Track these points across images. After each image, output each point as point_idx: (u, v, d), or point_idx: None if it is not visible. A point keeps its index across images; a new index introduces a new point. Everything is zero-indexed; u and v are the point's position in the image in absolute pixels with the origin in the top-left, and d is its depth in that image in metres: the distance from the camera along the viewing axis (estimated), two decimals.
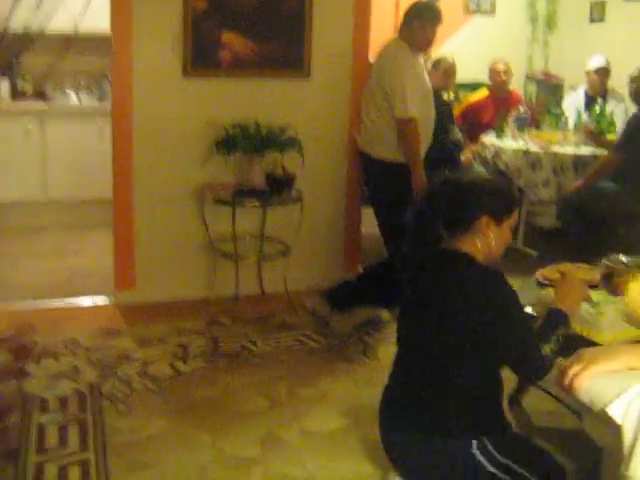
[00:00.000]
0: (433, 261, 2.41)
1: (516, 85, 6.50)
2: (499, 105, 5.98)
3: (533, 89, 7.01)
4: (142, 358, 3.69)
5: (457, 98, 6.29)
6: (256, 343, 3.92)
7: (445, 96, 5.73)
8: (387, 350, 3.85)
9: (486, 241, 2.36)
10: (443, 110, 4.90)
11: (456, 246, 2.37)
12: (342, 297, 4.20)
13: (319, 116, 4.53)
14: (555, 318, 2.35)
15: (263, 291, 4.43)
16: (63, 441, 2.97)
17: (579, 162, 5.32)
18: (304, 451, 2.94)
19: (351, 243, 4.84)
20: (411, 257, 2.54)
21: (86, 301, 4.45)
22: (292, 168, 4.27)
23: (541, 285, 3.08)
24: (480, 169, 5.62)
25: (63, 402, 3.26)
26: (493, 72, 6.03)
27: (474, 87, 6.30)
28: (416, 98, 4.03)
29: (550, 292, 2.75)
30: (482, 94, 6.11)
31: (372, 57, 4.45)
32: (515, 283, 2.33)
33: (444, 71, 5.47)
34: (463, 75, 6.06)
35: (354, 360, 3.79)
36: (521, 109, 5.69)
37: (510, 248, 2.66)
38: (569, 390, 1.64)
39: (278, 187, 4.21)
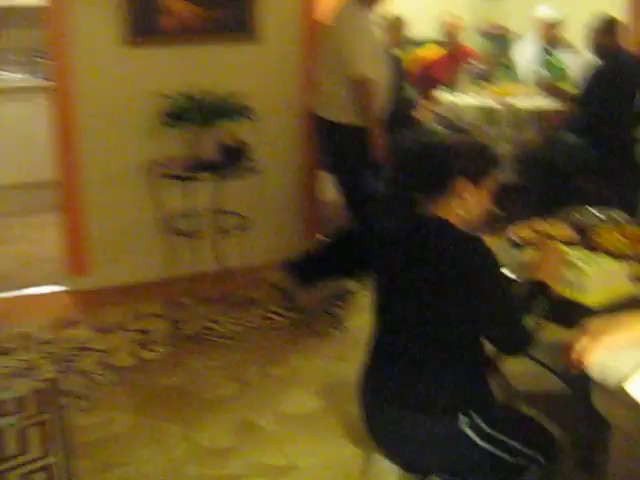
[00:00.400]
0: (409, 229, 2.27)
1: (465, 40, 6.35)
2: (451, 60, 5.84)
3: (481, 42, 6.87)
4: (102, 348, 3.49)
5: (406, 55, 6.11)
6: (220, 323, 3.75)
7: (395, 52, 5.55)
8: (357, 321, 3.73)
9: (464, 205, 2.22)
10: (394, 67, 4.74)
11: (432, 211, 2.24)
12: (306, 270, 4.04)
13: (271, 82, 4.33)
14: (536, 289, 2.24)
15: (223, 267, 4.25)
16: (23, 446, 2.76)
17: (536, 115, 5.22)
18: (282, 437, 2.80)
19: (310, 212, 4.68)
20: (385, 224, 2.39)
21: (37, 290, 4.20)
22: (246, 137, 4.07)
23: (516, 245, 2.97)
24: (436, 127, 5.48)
25: (20, 403, 3.04)
26: (447, 26, 5.87)
27: (422, 43, 6.12)
28: (370, 58, 3.87)
29: (527, 253, 2.64)
30: (437, 51, 5.95)
31: (324, 18, 4.25)
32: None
33: (391, 27, 5.28)
34: (411, 32, 5.88)
35: (324, 334, 3.65)
36: (475, 62, 5.54)
37: None
38: (577, 366, 1.51)
39: (232, 158, 4.01)
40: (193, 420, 2.90)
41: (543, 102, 5.31)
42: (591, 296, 2.43)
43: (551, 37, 5.92)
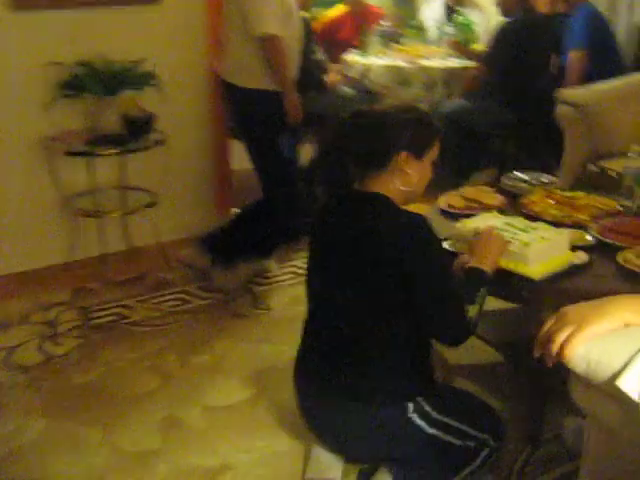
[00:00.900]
0: (346, 206, 2.11)
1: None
2: (358, 21, 5.65)
3: (387, 2, 6.70)
4: (4, 344, 3.18)
5: (314, 16, 5.89)
6: (134, 308, 3.49)
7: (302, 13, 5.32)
8: (279, 300, 3.55)
9: (406, 179, 2.07)
10: (303, 29, 4.51)
11: (370, 186, 2.07)
12: (220, 246, 3.82)
13: (174, 46, 4.02)
14: (476, 277, 2.10)
15: (133, 247, 3.98)
16: None
17: (448, 76, 5.11)
18: (211, 433, 2.59)
19: (223, 183, 4.43)
20: (318, 201, 2.21)
21: None
22: (150, 107, 3.77)
23: (449, 215, 2.83)
24: (347, 90, 5.30)
25: None
26: None
27: (328, 4, 5.90)
28: (277, 14, 3.58)
29: (464, 223, 2.51)
30: (339, 10, 5.75)
31: None
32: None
33: None
34: None
35: (246, 315, 3.45)
36: (383, 23, 5.37)
37: None
38: (557, 359, 1.37)
39: (136, 130, 3.71)
40: (112, 421, 2.65)
41: (454, 62, 5.21)
42: (533, 267, 2.32)
43: None
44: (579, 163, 3.96)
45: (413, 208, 2.06)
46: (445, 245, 2.53)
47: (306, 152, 5.03)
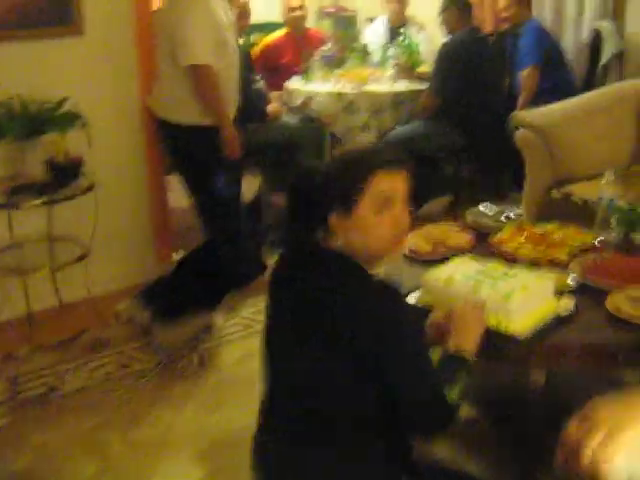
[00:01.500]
0: (304, 267, 1.77)
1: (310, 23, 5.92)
2: (299, 45, 5.39)
3: (327, 25, 6.45)
4: None
5: (250, 42, 5.61)
6: (67, 376, 3.12)
7: (240, 41, 5.03)
8: (229, 357, 3.24)
9: (350, 241, 1.74)
10: (241, 57, 4.22)
11: (330, 243, 1.76)
12: (161, 299, 3.48)
13: (101, 81, 3.68)
14: (457, 361, 1.77)
15: (65, 304, 3.61)
16: None
17: (397, 100, 4.87)
18: None
19: (160, 226, 4.09)
20: (281, 258, 1.89)
21: None
22: (78, 149, 3.42)
23: (414, 261, 2.56)
24: (290, 120, 5.03)
25: None
26: (287, 9, 5.40)
27: (269, 29, 5.62)
28: (209, 42, 3.30)
29: (434, 273, 2.23)
30: (278, 35, 5.47)
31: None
32: None
33: (237, 12, 4.73)
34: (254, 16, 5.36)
35: (192, 377, 3.10)
36: (325, 47, 5.11)
37: None
38: (589, 471, 1.09)
39: (63, 176, 3.36)
40: None
41: (401, 86, 4.97)
42: (517, 323, 2.06)
43: (400, 16, 5.62)
44: (542, 189, 3.73)
45: None
46: (412, 299, 2.26)
47: (249, 185, 4.73)
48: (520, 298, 2.05)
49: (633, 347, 2.05)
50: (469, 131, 4.53)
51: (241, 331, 3.45)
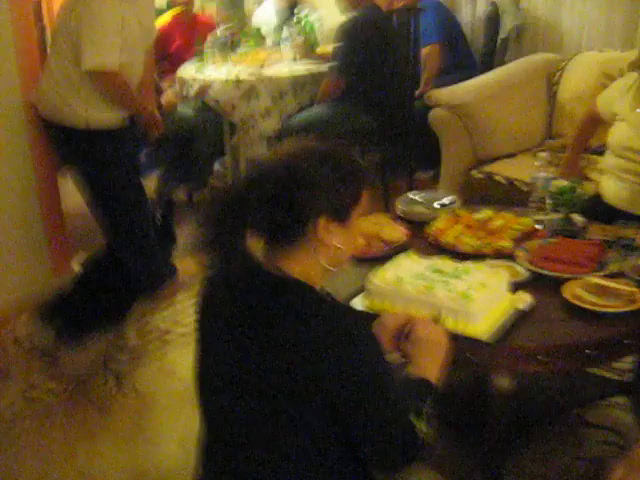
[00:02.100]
0: (244, 291, 1.50)
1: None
2: (188, 31, 5.05)
3: (214, 7, 6.13)
4: None
5: None
6: None
7: None
8: (147, 376, 2.93)
9: (328, 251, 1.50)
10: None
11: (279, 263, 1.49)
12: (63, 316, 3.14)
13: None
14: (421, 389, 1.55)
15: None
16: None
17: (297, 83, 4.62)
18: None
19: (55, 234, 3.69)
20: (211, 280, 1.61)
21: None
22: None
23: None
24: (186, 111, 4.70)
25: None
26: None
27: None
28: (116, 46, 3.02)
29: (378, 274, 2.01)
30: (164, 21, 5.11)
31: None
32: None
33: None
34: None
35: (109, 405, 2.77)
36: (218, 32, 4.79)
37: None
38: None
39: None
40: None
41: (301, 68, 4.73)
42: (479, 325, 1.87)
43: None
44: (461, 170, 3.58)
45: None
46: (357, 304, 2.04)
47: (150, 178, 4.41)
48: (480, 298, 1.87)
49: (602, 340, 1.91)
50: (377, 112, 4.34)
51: (157, 345, 3.14)
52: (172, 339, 3.16)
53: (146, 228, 3.36)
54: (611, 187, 2.91)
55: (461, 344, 1.83)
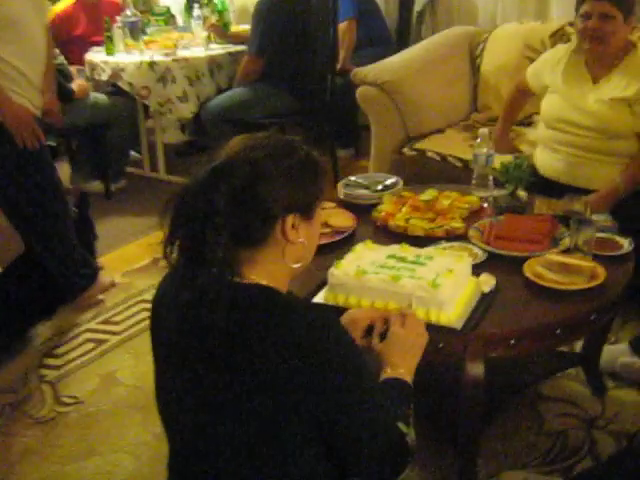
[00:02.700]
0: (218, 304, 1.36)
1: None
2: (92, 13, 4.80)
3: None
4: None
5: None
6: None
7: None
8: (87, 383, 2.77)
9: (295, 251, 1.41)
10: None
11: (242, 270, 1.38)
12: None
13: None
14: (401, 392, 1.48)
15: None
16: None
17: (213, 65, 4.48)
18: None
19: None
20: (164, 287, 1.49)
21: None
22: None
23: None
24: (99, 97, 4.48)
25: None
26: None
27: None
28: None
29: (339, 266, 1.93)
30: (66, 3, 4.84)
31: None
32: None
33: None
34: None
35: (50, 418, 2.59)
36: (128, 12, 4.58)
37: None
38: None
39: None
40: None
41: (217, 49, 4.58)
42: (449, 312, 1.82)
43: None
44: (391, 148, 3.53)
45: None
46: (321, 299, 1.96)
47: (62, 171, 4.19)
48: (448, 285, 1.82)
49: (571, 318, 1.89)
50: (297, 92, 4.24)
51: (91, 347, 2.97)
52: (106, 340, 3.00)
53: (64, 227, 3.16)
54: (546, 159, 2.92)
55: (432, 334, 1.78)
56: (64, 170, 4.50)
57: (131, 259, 3.66)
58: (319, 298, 1.96)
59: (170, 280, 1.46)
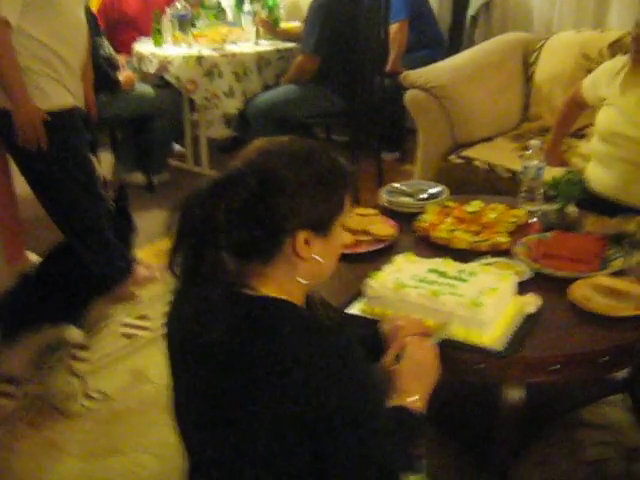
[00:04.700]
0: (225, 316, 1.27)
1: None
2: (148, 4, 4.78)
3: None
4: None
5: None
6: None
7: None
8: (117, 380, 2.75)
9: (308, 267, 1.33)
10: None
11: (253, 282, 1.31)
12: (10, 315, 2.90)
13: None
14: (410, 424, 1.40)
15: None
16: None
17: (262, 61, 4.44)
18: None
19: (7, 221, 3.41)
20: (178, 300, 1.42)
21: None
22: None
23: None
24: (145, 88, 4.47)
25: None
26: None
27: None
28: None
29: (377, 278, 1.86)
30: None
31: None
32: None
33: None
34: None
35: (75, 411, 2.56)
36: (178, 5, 4.55)
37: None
38: None
39: None
40: None
41: (265, 45, 4.53)
42: (490, 333, 1.75)
43: None
44: (438, 155, 3.45)
45: None
46: (355, 309, 1.89)
47: (106, 162, 4.18)
48: (491, 304, 1.74)
49: (617, 346, 1.79)
50: (346, 92, 4.17)
51: (123, 343, 2.95)
52: (139, 336, 2.97)
53: (99, 218, 3.13)
54: (598, 175, 2.81)
55: (472, 354, 1.71)
56: (107, 161, 4.50)
57: None
58: (354, 309, 1.89)
59: (177, 293, 1.41)
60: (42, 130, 2.82)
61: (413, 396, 1.44)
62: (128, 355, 2.86)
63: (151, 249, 3.70)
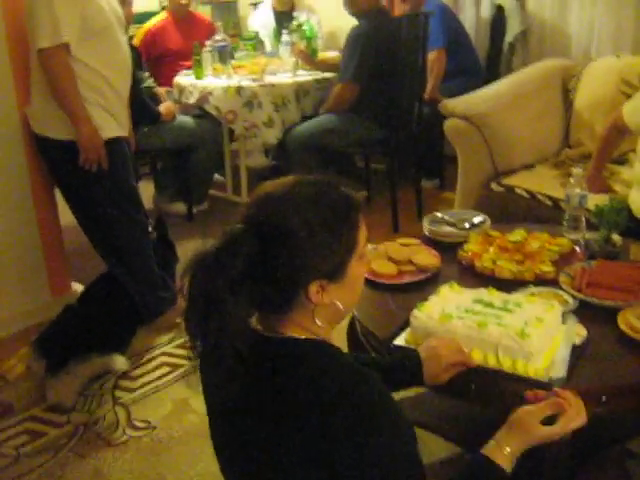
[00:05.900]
0: (251, 361, 1.26)
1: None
2: (185, 29, 4.87)
3: (206, 12, 5.94)
4: None
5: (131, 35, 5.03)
6: None
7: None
8: (161, 409, 2.75)
9: (322, 311, 1.31)
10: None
11: (277, 329, 1.31)
12: (55, 344, 2.93)
13: None
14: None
15: None
16: None
17: (300, 91, 4.47)
18: None
19: (53, 250, 3.49)
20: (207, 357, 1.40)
21: None
22: None
23: (382, 287, 2.18)
24: (186, 119, 4.54)
25: None
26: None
27: (148, 17, 5.04)
28: (72, 24, 2.75)
29: (424, 309, 1.86)
30: (160, 18, 4.93)
31: None
32: None
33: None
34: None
35: (121, 441, 2.58)
36: (218, 37, 4.62)
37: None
38: None
39: None
40: None
41: (303, 75, 4.58)
42: (537, 364, 1.73)
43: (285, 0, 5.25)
44: (478, 182, 3.44)
45: None
46: (402, 340, 1.89)
47: (146, 192, 4.24)
48: (537, 335, 1.72)
49: None
50: (384, 120, 4.19)
51: (167, 373, 2.97)
52: (182, 365, 2.99)
53: (144, 248, 3.18)
54: None
55: (519, 385, 1.69)
56: (147, 191, 4.56)
57: None
58: (401, 340, 1.89)
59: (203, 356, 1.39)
60: (104, 150, 2.89)
61: (504, 447, 1.41)
62: (172, 384, 2.88)
63: None
